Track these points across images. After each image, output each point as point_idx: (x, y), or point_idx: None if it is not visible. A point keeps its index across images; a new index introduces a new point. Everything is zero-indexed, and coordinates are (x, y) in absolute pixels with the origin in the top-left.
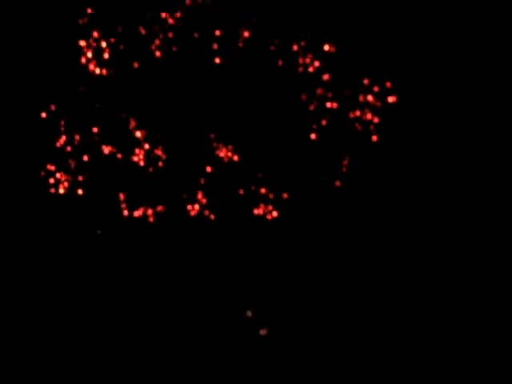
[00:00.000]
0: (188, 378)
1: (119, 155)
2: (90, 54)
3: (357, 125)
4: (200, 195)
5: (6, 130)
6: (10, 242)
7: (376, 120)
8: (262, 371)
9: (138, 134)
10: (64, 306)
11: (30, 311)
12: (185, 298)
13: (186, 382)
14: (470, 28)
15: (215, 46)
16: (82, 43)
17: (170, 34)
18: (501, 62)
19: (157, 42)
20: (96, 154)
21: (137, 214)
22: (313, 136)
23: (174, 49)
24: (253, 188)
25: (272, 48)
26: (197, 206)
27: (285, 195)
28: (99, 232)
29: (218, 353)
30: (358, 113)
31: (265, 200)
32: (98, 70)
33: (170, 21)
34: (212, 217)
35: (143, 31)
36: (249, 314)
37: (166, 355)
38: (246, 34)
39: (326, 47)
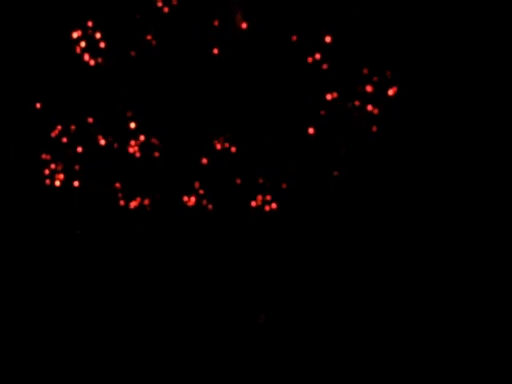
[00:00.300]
0: (186, 366)
1: (115, 145)
2: (83, 44)
3: (356, 115)
4: (197, 185)
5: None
6: (5, 236)
7: (376, 111)
8: (257, 361)
9: (133, 124)
10: (61, 303)
11: (26, 306)
12: (182, 291)
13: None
14: (473, 17)
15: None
16: (76, 33)
17: (166, 24)
18: (503, 54)
19: (153, 31)
20: (92, 144)
21: (133, 205)
22: (312, 126)
23: (171, 39)
24: (251, 179)
25: (271, 38)
26: (193, 198)
27: (284, 185)
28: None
29: (214, 342)
30: (357, 103)
31: (263, 191)
32: (92, 61)
33: (166, 9)
34: (210, 207)
35: (138, 19)
36: (261, 317)
37: (166, 346)
38: (244, 25)
39: (328, 39)
